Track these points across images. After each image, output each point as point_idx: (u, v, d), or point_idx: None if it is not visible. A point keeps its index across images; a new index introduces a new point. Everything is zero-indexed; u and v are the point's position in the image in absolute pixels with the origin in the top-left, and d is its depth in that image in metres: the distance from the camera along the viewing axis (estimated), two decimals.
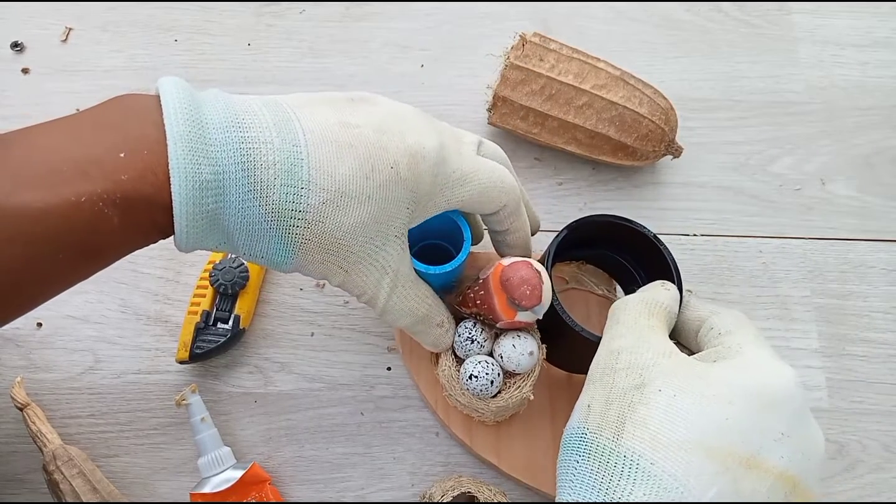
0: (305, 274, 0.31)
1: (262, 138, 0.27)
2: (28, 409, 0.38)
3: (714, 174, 0.48)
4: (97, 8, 0.52)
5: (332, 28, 0.53)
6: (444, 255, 0.38)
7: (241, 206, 0.27)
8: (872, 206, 0.47)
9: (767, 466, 0.25)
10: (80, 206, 0.25)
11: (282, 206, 0.28)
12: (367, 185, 0.29)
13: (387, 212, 0.30)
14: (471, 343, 0.35)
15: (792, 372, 0.28)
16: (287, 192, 0.27)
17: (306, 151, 0.28)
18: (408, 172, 0.30)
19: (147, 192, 0.26)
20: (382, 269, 0.31)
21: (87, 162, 0.25)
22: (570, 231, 0.36)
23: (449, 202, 0.33)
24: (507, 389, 0.36)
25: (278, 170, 0.27)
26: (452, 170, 0.32)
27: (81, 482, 0.36)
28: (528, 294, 0.32)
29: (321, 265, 0.30)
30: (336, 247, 0.29)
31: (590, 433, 0.26)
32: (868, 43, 0.53)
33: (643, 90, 0.44)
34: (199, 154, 0.26)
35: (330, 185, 0.28)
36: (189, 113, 0.26)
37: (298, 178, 0.28)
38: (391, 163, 0.30)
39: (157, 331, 0.42)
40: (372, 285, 0.31)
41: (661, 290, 0.33)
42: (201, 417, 0.38)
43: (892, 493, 0.40)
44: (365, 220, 0.29)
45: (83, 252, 0.26)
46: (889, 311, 0.44)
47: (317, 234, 0.29)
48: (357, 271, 0.31)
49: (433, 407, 0.39)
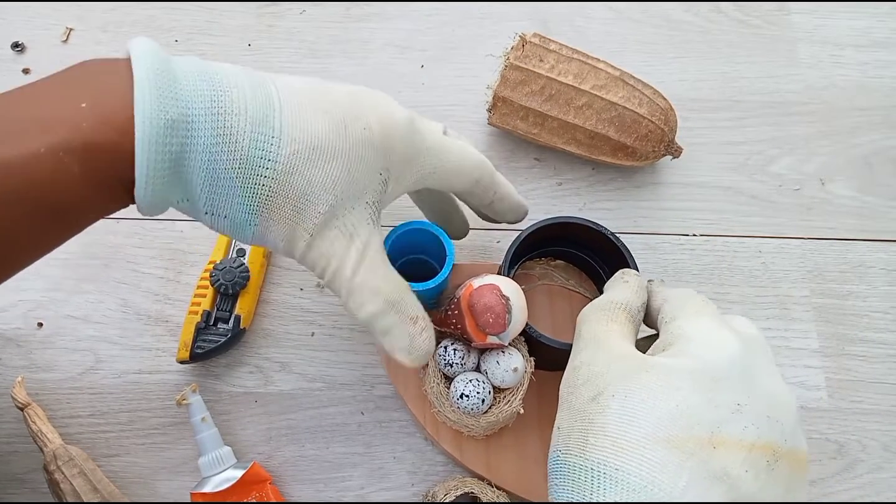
0: (266, 243, 0.29)
1: (233, 84, 0.27)
2: (29, 408, 0.38)
3: (713, 174, 0.48)
4: (98, 8, 0.53)
5: (333, 28, 0.53)
6: (427, 271, 0.38)
7: (208, 152, 0.26)
8: (872, 206, 0.47)
9: (733, 441, 0.24)
10: (39, 157, 0.24)
11: (250, 155, 0.27)
12: (339, 142, 0.28)
13: (359, 173, 0.29)
14: (453, 363, 0.36)
15: (732, 338, 0.27)
16: (257, 140, 0.27)
17: (279, 104, 0.28)
18: (380, 136, 0.30)
19: (109, 138, 0.25)
20: (350, 236, 0.29)
21: (48, 117, 0.25)
22: (527, 237, 0.38)
23: (422, 174, 0.32)
24: (497, 404, 0.36)
25: (250, 117, 0.27)
26: (423, 139, 0.32)
27: (82, 482, 0.36)
28: (490, 322, 0.32)
29: (286, 226, 0.28)
30: (303, 204, 0.28)
31: (562, 454, 0.26)
32: (867, 43, 0.53)
33: (643, 90, 0.44)
34: (166, 96, 0.25)
35: (302, 138, 0.28)
36: (159, 62, 0.26)
37: (270, 128, 0.27)
38: (364, 125, 0.29)
39: (158, 331, 0.42)
40: (338, 253, 0.29)
41: (620, 285, 0.33)
42: (202, 417, 0.38)
43: (891, 492, 0.40)
44: (335, 178, 0.28)
45: (45, 210, 0.25)
46: (888, 311, 0.44)
47: (284, 188, 0.27)
48: (323, 236, 0.29)
49: (421, 422, 0.39)
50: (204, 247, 0.45)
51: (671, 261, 0.45)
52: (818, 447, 0.41)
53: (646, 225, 0.47)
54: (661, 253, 0.46)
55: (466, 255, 0.45)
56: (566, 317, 0.42)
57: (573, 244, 0.41)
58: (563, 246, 0.42)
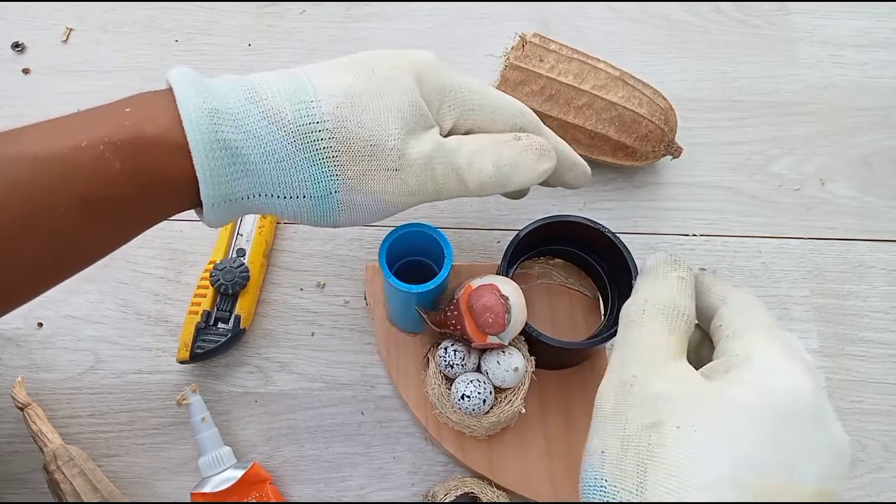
0: (359, 210, 0.30)
1: (260, 77, 0.29)
2: (29, 408, 0.38)
3: (713, 174, 0.48)
4: (98, 8, 0.53)
5: (333, 29, 0.53)
6: (426, 272, 0.38)
7: (260, 136, 0.27)
8: (872, 206, 0.47)
9: (805, 490, 0.23)
10: (80, 150, 0.25)
11: (299, 123, 0.27)
12: (374, 83, 0.29)
13: (404, 104, 0.30)
14: (453, 364, 0.36)
15: (807, 373, 0.25)
16: (299, 108, 0.28)
17: (306, 76, 0.29)
18: (409, 68, 0.30)
19: (152, 132, 0.26)
20: (428, 157, 0.30)
21: (92, 118, 0.26)
22: (525, 236, 0.38)
23: (462, 109, 0.32)
24: (499, 404, 0.36)
25: (284, 94, 0.28)
26: (455, 74, 0.32)
27: (82, 482, 0.36)
28: (490, 322, 0.33)
29: (369, 179, 0.29)
30: (371, 149, 0.29)
31: (608, 485, 0.24)
32: (867, 43, 0.53)
33: (643, 90, 0.44)
34: (203, 91, 0.27)
35: (338, 91, 0.28)
36: (194, 74, 0.28)
37: (306, 94, 0.28)
38: (390, 64, 0.30)
39: (158, 331, 0.42)
40: (434, 174, 0.30)
41: (675, 281, 0.28)
42: (202, 417, 0.38)
43: (891, 492, 0.40)
44: (387, 113, 0.29)
45: (84, 206, 0.25)
46: (888, 311, 0.44)
47: (344, 140, 0.28)
48: (406, 168, 0.29)
49: (423, 423, 0.39)
50: (204, 247, 0.45)
51: None
52: None
53: (646, 225, 0.47)
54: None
55: (465, 255, 0.45)
56: (566, 315, 0.42)
57: (572, 243, 0.41)
58: (562, 245, 0.42)
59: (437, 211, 0.46)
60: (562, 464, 0.38)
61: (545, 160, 0.33)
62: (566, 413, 0.39)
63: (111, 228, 0.27)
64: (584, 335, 0.41)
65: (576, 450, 0.38)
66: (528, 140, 0.33)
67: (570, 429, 0.39)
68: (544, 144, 0.33)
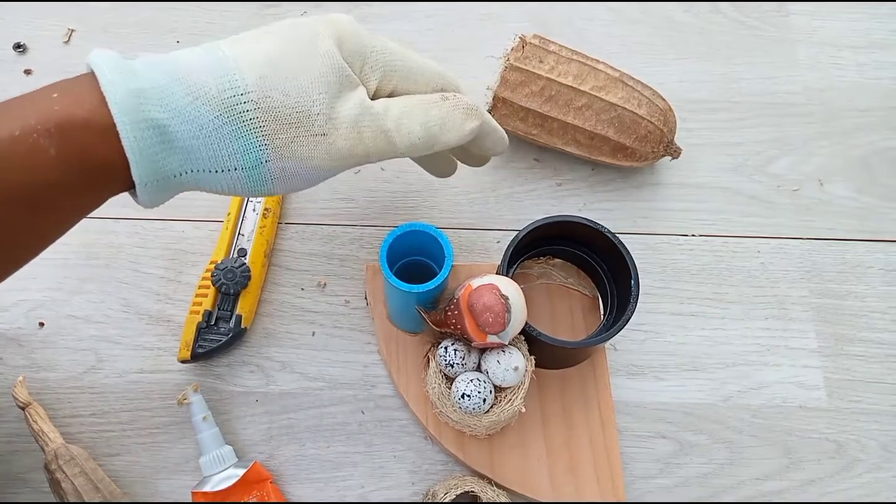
0: (290, 176, 0.30)
1: (181, 54, 0.29)
2: (30, 408, 0.39)
3: (712, 175, 0.48)
4: (99, 9, 0.53)
5: None
6: (427, 272, 0.38)
7: (185, 113, 0.27)
8: (870, 206, 0.48)
9: None
10: (14, 140, 0.25)
11: (224, 97, 0.28)
12: (295, 49, 0.29)
13: (327, 67, 0.30)
14: (454, 363, 0.36)
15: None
16: (223, 83, 0.28)
17: (229, 49, 0.29)
18: (329, 31, 0.31)
19: (81, 115, 0.26)
20: (355, 120, 0.30)
21: (21, 106, 0.26)
22: (525, 236, 0.38)
23: (385, 70, 0.32)
24: (499, 404, 0.36)
25: (207, 69, 0.28)
26: (374, 36, 0.33)
27: (83, 481, 0.37)
28: (490, 321, 0.33)
29: (297, 146, 0.29)
30: (297, 115, 0.29)
31: None
32: (866, 44, 0.53)
33: (642, 91, 0.44)
34: (126, 71, 0.27)
35: (260, 60, 0.29)
36: (115, 56, 0.28)
37: (227, 68, 0.28)
38: (308, 28, 0.30)
39: (159, 330, 0.43)
40: (362, 137, 0.30)
41: None
42: (203, 416, 0.38)
43: (890, 492, 0.40)
44: (309, 79, 0.29)
45: (23, 197, 0.25)
46: (887, 311, 0.44)
47: (270, 109, 0.28)
48: (333, 132, 0.30)
49: (423, 423, 0.39)
50: (205, 247, 0.45)
51: (670, 261, 0.46)
52: (817, 447, 0.41)
53: (645, 225, 0.47)
54: (659, 253, 0.46)
55: (466, 255, 0.45)
56: (566, 315, 0.42)
57: (572, 243, 0.42)
58: (562, 245, 0.42)
59: (438, 211, 0.47)
60: (562, 463, 0.38)
61: (472, 118, 0.33)
62: (566, 413, 0.39)
63: (55, 215, 0.27)
64: (584, 335, 0.41)
65: (576, 449, 0.39)
66: (455, 99, 0.33)
67: (570, 428, 0.39)
68: (470, 103, 0.33)
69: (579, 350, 0.38)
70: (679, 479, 0.40)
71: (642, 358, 0.43)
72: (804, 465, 0.40)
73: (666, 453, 0.40)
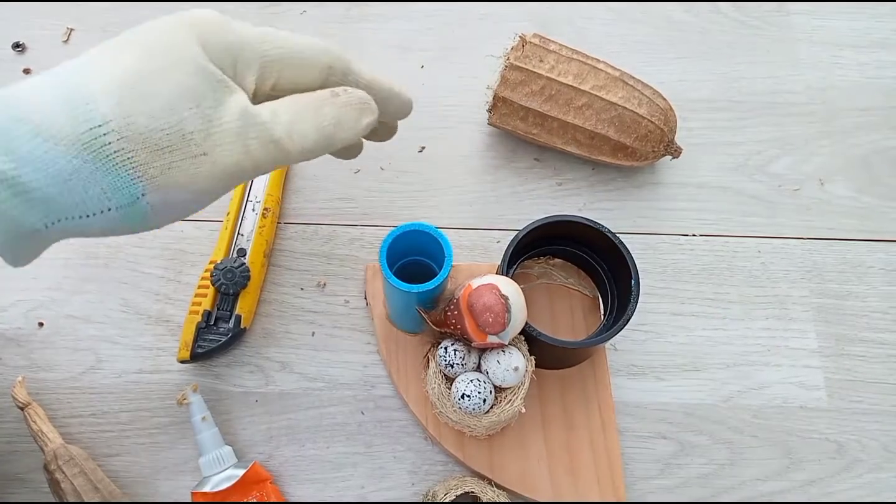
0: (176, 209, 0.27)
1: (28, 88, 0.25)
2: (29, 408, 0.39)
3: (713, 174, 0.48)
4: (98, 8, 0.53)
5: (333, 29, 0.53)
6: (427, 272, 0.38)
7: (36, 157, 0.23)
8: (871, 206, 0.48)
9: None
10: None
11: (78, 132, 0.24)
12: (154, 62, 0.26)
13: (195, 76, 0.26)
14: (453, 363, 0.36)
15: None
16: (75, 115, 0.24)
17: (78, 73, 0.25)
18: (188, 32, 0.27)
19: None
20: (239, 132, 0.26)
21: None
22: (525, 235, 0.38)
23: (263, 62, 0.29)
24: (499, 404, 0.36)
25: (55, 102, 0.24)
26: (244, 27, 0.29)
27: (83, 481, 0.37)
28: (490, 321, 0.33)
29: (176, 172, 0.25)
30: (168, 138, 0.25)
31: None
32: (866, 44, 0.53)
33: (642, 91, 0.44)
34: None
35: (115, 85, 0.25)
36: None
37: (79, 97, 0.24)
38: (168, 35, 0.27)
39: (159, 330, 0.43)
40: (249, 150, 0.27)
41: None
42: (202, 417, 0.38)
43: (891, 492, 0.40)
44: (175, 92, 0.25)
45: None
46: (888, 311, 0.44)
47: (136, 137, 0.25)
48: (215, 149, 0.26)
49: (423, 423, 0.39)
50: (204, 247, 0.45)
51: (670, 261, 0.46)
52: (818, 447, 0.41)
53: (645, 225, 0.47)
54: (660, 253, 0.46)
55: (466, 255, 0.45)
56: (566, 315, 0.42)
57: (572, 243, 0.41)
58: (562, 245, 0.42)
59: (438, 211, 0.47)
60: (562, 463, 0.38)
61: (367, 114, 0.30)
62: (566, 413, 0.39)
63: None
64: (584, 335, 0.41)
65: (576, 450, 0.39)
66: (347, 96, 0.29)
67: (570, 429, 0.39)
68: (363, 97, 0.30)
69: (579, 350, 0.37)
70: (680, 480, 0.40)
71: (643, 358, 0.43)
72: (805, 466, 0.40)
73: (666, 454, 0.40)
